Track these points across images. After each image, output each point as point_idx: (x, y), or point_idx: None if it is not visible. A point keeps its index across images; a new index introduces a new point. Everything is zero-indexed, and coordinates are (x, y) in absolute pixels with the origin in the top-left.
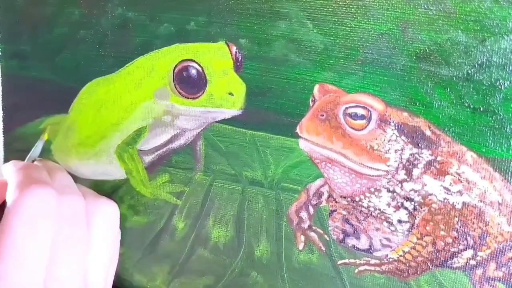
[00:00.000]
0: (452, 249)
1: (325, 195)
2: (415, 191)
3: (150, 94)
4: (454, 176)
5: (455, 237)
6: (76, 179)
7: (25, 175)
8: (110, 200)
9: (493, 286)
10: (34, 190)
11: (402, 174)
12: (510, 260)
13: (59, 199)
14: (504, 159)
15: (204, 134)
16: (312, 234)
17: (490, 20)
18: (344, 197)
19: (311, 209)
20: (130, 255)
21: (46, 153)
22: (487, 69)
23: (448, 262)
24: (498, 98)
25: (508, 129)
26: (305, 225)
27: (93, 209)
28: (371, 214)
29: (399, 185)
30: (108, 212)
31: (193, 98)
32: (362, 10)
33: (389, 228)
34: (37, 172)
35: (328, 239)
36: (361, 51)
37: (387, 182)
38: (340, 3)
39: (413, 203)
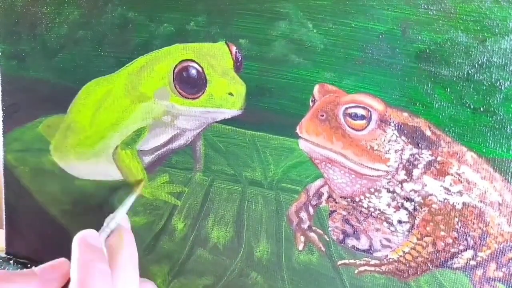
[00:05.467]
0: (452, 250)
1: (325, 196)
2: (415, 192)
3: (150, 94)
4: (454, 177)
5: (455, 238)
6: (75, 179)
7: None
8: None
9: (493, 286)
10: None
11: (402, 175)
12: (510, 261)
13: None
14: (504, 159)
15: (204, 134)
16: (312, 234)
17: (490, 20)
18: (344, 198)
19: (311, 210)
20: None
21: (44, 153)
22: (487, 69)
23: (448, 263)
24: (498, 98)
25: (508, 130)
26: (305, 226)
27: None
28: (371, 215)
29: (399, 185)
30: None
31: (193, 98)
32: (362, 10)
33: (389, 229)
34: (102, 284)
35: (328, 239)
36: (361, 51)
37: (387, 183)
38: (340, 3)
39: (413, 203)
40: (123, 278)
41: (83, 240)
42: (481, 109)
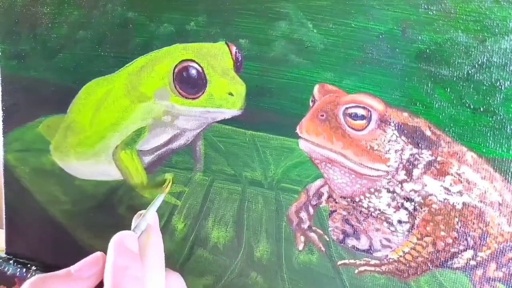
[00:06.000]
0: (452, 250)
1: (325, 196)
2: (415, 192)
3: (150, 94)
4: (454, 177)
5: (455, 238)
6: (75, 179)
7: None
8: None
9: (493, 286)
10: None
11: (402, 175)
12: (510, 261)
13: None
14: (504, 159)
15: (204, 134)
16: (312, 234)
17: (490, 20)
18: (344, 198)
19: (311, 210)
20: None
21: (44, 153)
22: (487, 69)
23: (448, 263)
24: (498, 98)
25: (508, 130)
26: (305, 226)
27: None
28: (371, 215)
29: (399, 185)
30: None
31: (193, 98)
32: (362, 10)
33: (389, 229)
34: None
35: (328, 239)
36: (361, 51)
37: (387, 183)
38: (340, 3)
39: (413, 203)
40: (151, 275)
41: (121, 243)
42: (481, 109)
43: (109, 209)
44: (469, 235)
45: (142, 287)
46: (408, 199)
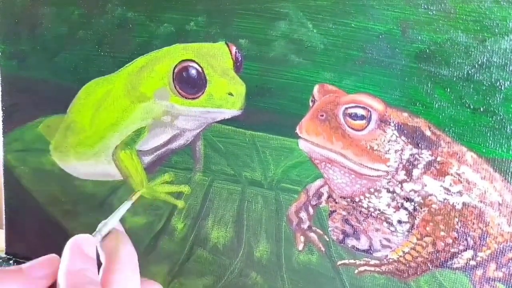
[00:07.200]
0: (452, 250)
1: (325, 196)
2: (415, 192)
3: (150, 94)
4: (454, 177)
5: (455, 238)
6: (75, 179)
7: None
8: None
9: (493, 286)
10: None
11: (402, 175)
12: (510, 261)
13: None
14: (504, 159)
15: (204, 135)
16: (312, 234)
17: (490, 20)
18: (344, 198)
19: (310, 210)
20: None
21: (44, 153)
22: (487, 69)
23: (448, 263)
24: (498, 99)
25: (508, 130)
26: (305, 226)
27: None
28: (371, 215)
29: (399, 185)
30: None
31: (193, 98)
32: (362, 10)
33: (389, 229)
34: None
35: (327, 239)
36: (361, 51)
37: (387, 183)
38: (340, 3)
39: (413, 203)
40: (123, 280)
41: (77, 246)
42: (481, 109)
43: (109, 209)
44: (469, 235)
45: None
46: (408, 199)
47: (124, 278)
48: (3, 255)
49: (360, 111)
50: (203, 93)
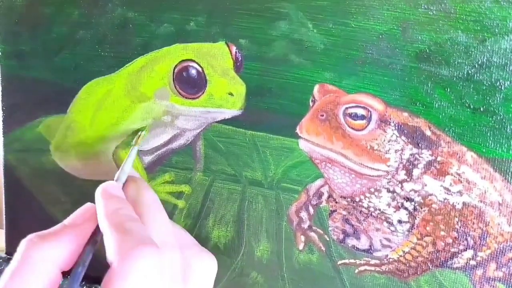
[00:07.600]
0: (452, 250)
1: (325, 195)
2: (415, 191)
3: (150, 94)
4: (454, 177)
5: (455, 238)
6: (75, 179)
7: (122, 230)
8: (208, 253)
9: (493, 286)
10: (139, 255)
11: (402, 174)
12: (510, 261)
13: (160, 257)
14: (504, 159)
15: (204, 134)
16: (312, 234)
17: (490, 20)
18: (344, 198)
19: (311, 209)
20: None
21: (44, 153)
22: (487, 69)
23: (448, 262)
24: (498, 98)
25: (508, 130)
26: (305, 225)
27: (191, 262)
28: (371, 215)
29: (399, 185)
30: (206, 268)
31: (193, 98)
32: (362, 10)
33: (389, 228)
34: (135, 224)
35: (328, 239)
36: (361, 51)
37: (387, 182)
38: (340, 3)
39: (413, 203)
40: (153, 220)
41: (105, 191)
42: (481, 109)
43: None
44: (469, 235)
45: (141, 224)
46: (408, 199)
47: (152, 218)
48: (3, 255)
49: (360, 111)
50: (203, 93)
